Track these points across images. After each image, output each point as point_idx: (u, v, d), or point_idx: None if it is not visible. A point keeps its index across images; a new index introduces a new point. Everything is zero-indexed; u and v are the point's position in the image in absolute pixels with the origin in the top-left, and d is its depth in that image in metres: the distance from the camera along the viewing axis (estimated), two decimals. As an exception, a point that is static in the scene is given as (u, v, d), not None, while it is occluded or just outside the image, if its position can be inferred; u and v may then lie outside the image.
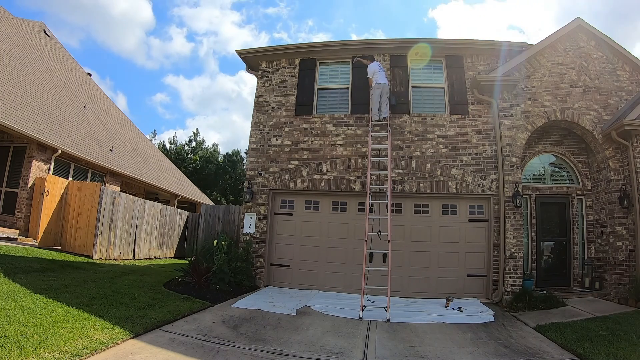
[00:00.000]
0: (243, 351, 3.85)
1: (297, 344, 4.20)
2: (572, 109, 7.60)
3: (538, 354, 4.12)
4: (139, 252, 11.11)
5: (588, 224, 7.90)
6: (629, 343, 4.26)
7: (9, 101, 9.62)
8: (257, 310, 5.53)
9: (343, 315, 5.57)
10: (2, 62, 10.63)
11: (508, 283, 6.80)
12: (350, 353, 4.01)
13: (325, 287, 7.47)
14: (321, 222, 7.85)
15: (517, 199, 7.02)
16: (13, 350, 3.07)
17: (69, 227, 9.66)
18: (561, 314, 5.85)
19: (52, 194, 9.56)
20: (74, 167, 11.89)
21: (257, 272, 7.67)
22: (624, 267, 6.96)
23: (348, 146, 7.92)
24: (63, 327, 3.78)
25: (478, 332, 4.94)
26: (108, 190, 9.75)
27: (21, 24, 13.75)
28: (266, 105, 8.53)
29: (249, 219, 7.92)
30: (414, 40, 8.24)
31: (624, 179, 7.23)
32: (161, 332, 4.24)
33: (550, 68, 7.84)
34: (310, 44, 8.67)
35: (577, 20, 7.98)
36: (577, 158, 8.14)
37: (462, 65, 8.06)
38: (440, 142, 7.67)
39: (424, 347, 4.30)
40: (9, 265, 6.12)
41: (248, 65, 9.15)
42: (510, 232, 7.00)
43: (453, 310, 6.05)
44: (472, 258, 7.29)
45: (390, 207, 6.70)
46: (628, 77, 7.84)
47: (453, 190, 7.40)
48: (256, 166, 8.21)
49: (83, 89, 15.50)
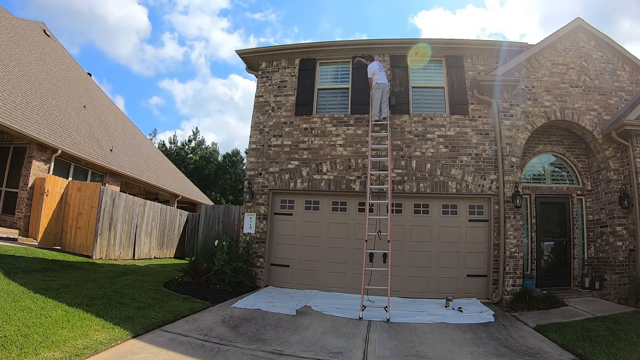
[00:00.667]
0: (243, 351, 3.85)
1: (297, 344, 4.20)
2: (572, 109, 7.60)
3: (538, 354, 4.12)
4: (139, 252, 11.11)
5: (588, 224, 7.90)
6: (629, 343, 4.26)
7: (9, 101, 9.62)
8: (257, 310, 5.54)
9: (343, 315, 5.57)
10: (2, 62, 10.63)
11: (508, 283, 6.80)
12: (350, 353, 4.01)
13: (325, 287, 7.47)
14: (321, 222, 7.85)
15: (517, 199, 7.02)
16: (13, 350, 3.07)
17: (69, 227, 9.67)
18: (561, 314, 5.84)
19: (52, 194, 9.57)
20: (74, 167, 11.89)
21: (257, 272, 7.68)
22: (624, 267, 6.96)
23: (348, 146, 7.93)
24: (63, 327, 3.78)
25: (478, 332, 4.95)
26: (108, 190, 9.75)
27: (21, 24, 13.76)
28: (266, 105, 8.53)
29: (249, 219, 7.93)
30: (414, 40, 8.25)
31: (624, 179, 7.24)
32: (161, 332, 4.25)
33: (550, 68, 7.84)
34: (310, 43, 8.66)
35: (577, 20, 7.98)
36: (577, 158, 8.14)
37: (462, 65, 8.06)
38: (440, 142, 7.67)
39: (424, 347, 4.30)
40: (9, 265, 6.12)
41: (248, 65, 9.15)
42: (510, 232, 7.00)
43: (453, 310, 6.05)
44: (472, 258, 7.29)
45: (390, 207, 6.70)
46: (628, 77, 7.84)
47: (453, 190, 7.40)
48: (256, 166, 8.21)
49: (83, 89, 15.50)
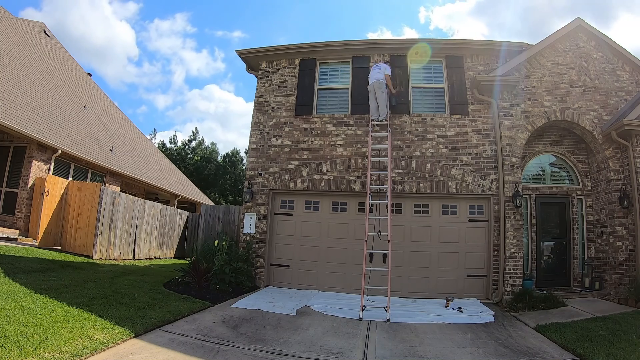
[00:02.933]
0: (243, 351, 3.85)
1: (297, 344, 4.20)
2: (572, 109, 7.60)
3: (538, 354, 4.12)
4: (139, 252, 11.11)
5: (588, 224, 7.90)
6: (629, 343, 4.26)
7: (9, 101, 9.63)
8: (257, 311, 5.53)
9: (343, 316, 5.56)
10: (2, 62, 10.63)
11: (508, 283, 6.80)
12: (350, 353, 4.01)
13: (325, 287, 7.47)
14: (321, 222, 7.85)
15: (517, 199, 7.02)
16: (13, 350, 3.07)
17: (69, 227, 9.66)
18: (561, 314, 5.84)
19: (52, 194, 9.56)
20: (74, 167, 11.90)
21: (257, 272, 7.68)
22: (624, 267, 6.96)
23: (348, 146, 7.92)
24: (63, 327, 3.78)
25: (478, 332, 4.94)
26: (108, 191, 9.75)
27: (21, 24, 13.76)
28: (266, 105, 8.53)
29: (249, 219, 7.92)
30: (414, 40, 8.26)
31: (624, 179, 7.23)
32: (161, 332, 4.24)
33: (550, 68, 7.84)
34: (310, 44, 8.64)
35: (577, 20, 7.97)
36: (577, 158, 8.14)
37: (462, 66, 8.06)
38: (440, 142, 7.67)
39: (424, 347, 4.30)
40: (9, 266, 6.12)
41: (248, 66, 9.15)
42: (510, 232, 7.00)
43: (453, 311, 6.05)
44: (472, 258, 7.29)
45: (390, 207, 6.70)
46: (628, 77, 7.84)
47: (453, 191, 7.40)
48: (256, 166, 8.20)
49: (83, 89, 15.50)
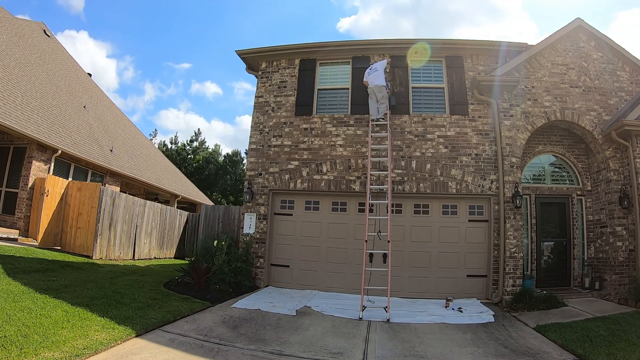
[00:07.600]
0: (243, 351, 3.85)
1: (297, 344, 4.20)
2: (572, 110, 7.59)
3: (538, 354, 4.12)
4: (139, 252, 11.11)
5: (588, 224, 7.90)
6: (629, 343, 4.26)
7: (9, 101, 9.63)
8: (257, 311, 5.53)
9: (343, 316, 5.56)
10: (2, 62, 10.64)
11: (508, 283, 6.80)
12: (350, 353, 4.01)
13: (325, 288, 7.47)
14: (321, 222, 7.85)
15: (517, 199, 7.02)
16: (13, 351, 3.07)
17: (69, 228, 9.67)
18: (561, 314, 5.84)
19: (52, 194, 9.57)
20: (74, 168, 11.90)
21: (257, 272, 7.68)
22: (624, 267, 6.95)
23: (348, 146, 7.92)
24: (63, 327, 3.78)
25: (478, 332, 4.94)
26: (108, 191, 9.75)
27: (21, 24, 13.76)
28: (266, 105, 8.53)
29: (249, 219, 7.93)
30: (414, 41, 8.24)
31: (624, 179, 7.23)
32: (161, 332, 4.24)
33: (550, 68, 7.84)
34: (310, 44, 8.64)
35: (577, 20, 7.97)
36: (577, 158, 8.14)
37: (462, 66, 8.06)
38: (440, 143, 7.67)
39: (424, 347, 4.30)
40: (9, 266, 6.13)
41: (248, 66, 9.15)
42: (510, 233, 7.00)
43: (453, 311, 6.05)
44: (472, 258, 7.29)
45: (390, 208, 6.70)
46: (628, 78, 7.84)
47: (453, 191, 7.40)
48: (256, 166, 8.20)
49: (83, 89, 15.51)
